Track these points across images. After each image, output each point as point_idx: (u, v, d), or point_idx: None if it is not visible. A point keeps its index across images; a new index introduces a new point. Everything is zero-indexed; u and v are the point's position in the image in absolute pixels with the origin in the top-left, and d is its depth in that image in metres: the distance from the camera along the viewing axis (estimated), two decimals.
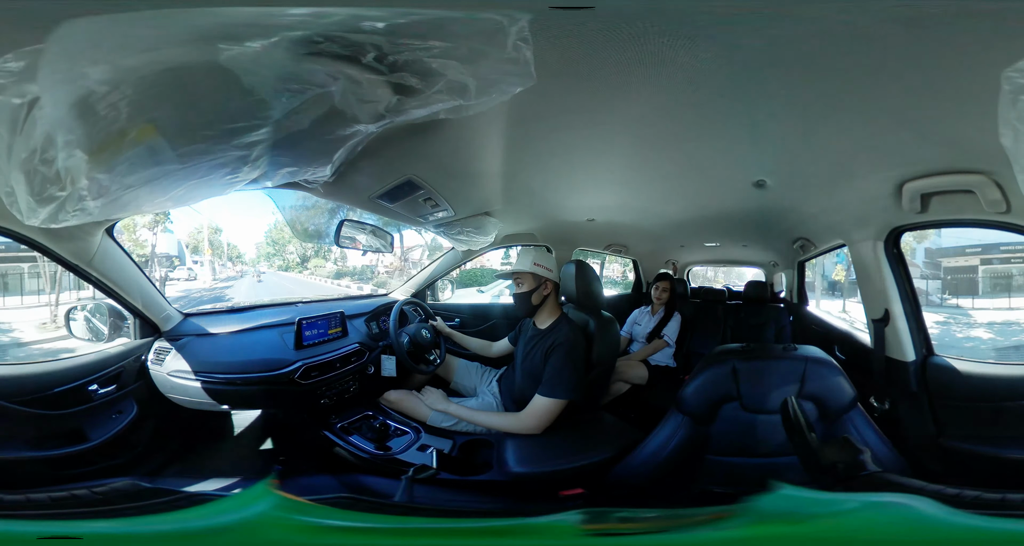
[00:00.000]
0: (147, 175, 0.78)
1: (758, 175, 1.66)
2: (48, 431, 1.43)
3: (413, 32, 0.73)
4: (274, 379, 1.70)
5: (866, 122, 1.11)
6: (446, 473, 1.58)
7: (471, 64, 0.78)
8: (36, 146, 0.71)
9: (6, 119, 0.71)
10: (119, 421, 1.58)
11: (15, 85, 0.69)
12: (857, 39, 0.79)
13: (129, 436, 1.60)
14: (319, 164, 1.08)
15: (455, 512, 1.09)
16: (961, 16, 0.70)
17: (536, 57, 0.77)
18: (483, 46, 0.74)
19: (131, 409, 1.63)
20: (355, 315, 2.22)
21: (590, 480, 1.51)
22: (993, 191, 1.22)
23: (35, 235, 1.31)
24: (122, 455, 1.58)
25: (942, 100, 0.93)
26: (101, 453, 1.50)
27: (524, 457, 1.58)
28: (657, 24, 0.78)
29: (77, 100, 0.67)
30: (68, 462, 1.43)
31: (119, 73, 0.67)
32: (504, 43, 0.73)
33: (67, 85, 0.66)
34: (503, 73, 0.79)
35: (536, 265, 1.84)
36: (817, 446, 0.98)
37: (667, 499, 1.40)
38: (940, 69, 0.84)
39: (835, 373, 1.36)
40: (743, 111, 1.12)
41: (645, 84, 1.00)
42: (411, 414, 1.90)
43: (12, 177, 0.74)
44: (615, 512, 0.85)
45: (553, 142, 1.40)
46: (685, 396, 1.43)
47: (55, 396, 1.45)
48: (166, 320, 1.80)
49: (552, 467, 1.55)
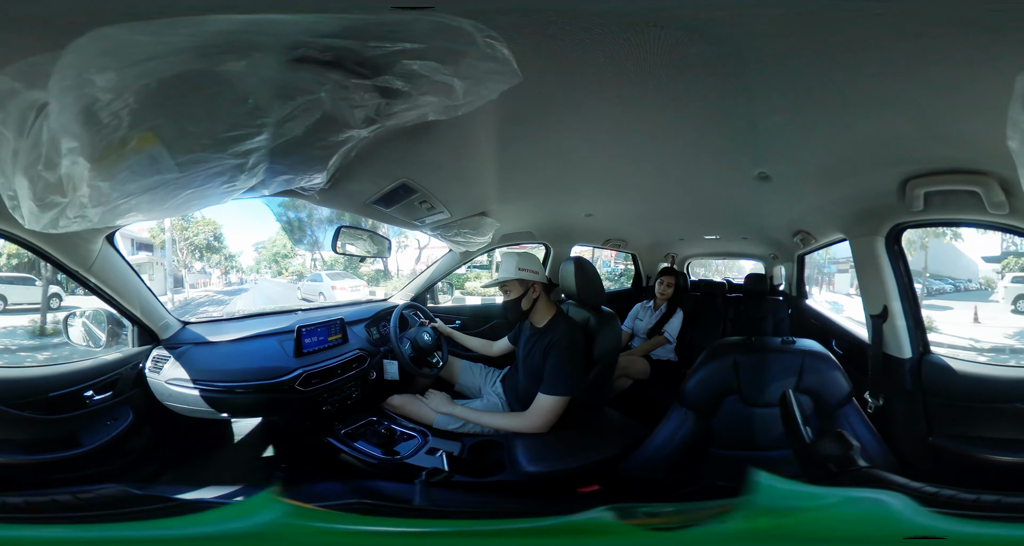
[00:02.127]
0: (147, 183, 0.80)
1: (760, 168, 1.64)
2: (40, 435, 1.42)
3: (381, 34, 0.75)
4: (274, 387, 1.69)
5: (873, 117, 1.10)
6: (459, 475, 1.58)
7: (451, 64, 0.79)
8: (41, 152, 0.73)
9: (14, 123, 0.73)
10: (113, 428, 1.57)
11: (27, 91, 0.71)
12: (867, 35, 0.78)
13: (123, 443, 1.59)
14: (314, 171, 1.09)
15: (477, 513, 1.09)
16: (976, 18, 0.68)
17: (526, 53, 0.78)
18: (455, 45, 0.75)
19: (127, 416, 1.62)
20: (355, 321, 2.21)
21: (603, 476, 1.52)
22: (997, 193, 1.22)
23: (36, 240, 1.32)
24: (115, 462, 1.57)
25: (953, 99, 0.93)
26: (93, 459, 1.49)
27: (536, 456, 1.58)
28: (655, 16, 0.78)
29: (83, 108, 0.69)
30: (59, 467, 1.42)
31: (123, 81, 0.69)
32: (473, 41, 0.74)
33: (74, 93, 0.68)
34: (486, 71, 0.80)
35: (520, 270, 1.82)
36: (812, 440, 1.00)
37: (677, 493, 1.40)
38: (953, 69, 0.83)
39: (832, 367, 1.37)
40: (746, 104, 1.11)
41: (642, 77, 0.98)
42: (416, 418, 1.90)
43: (16, 181, 0.76)
44: (640, 507, 0.87)
45: (547, 138, 1.39)
46: (687, 390, 1.44)
47: (50, 400, 1.44)
48: (165, 328, 1.79)
49: (565, 465, 1.56)
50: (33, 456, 1.38)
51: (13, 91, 0.72)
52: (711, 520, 0.80)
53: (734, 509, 0.81)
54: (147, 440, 1.71)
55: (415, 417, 1.90)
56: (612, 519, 0.80)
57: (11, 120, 0.73)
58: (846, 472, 0.89)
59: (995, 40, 0.71)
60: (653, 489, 1.44)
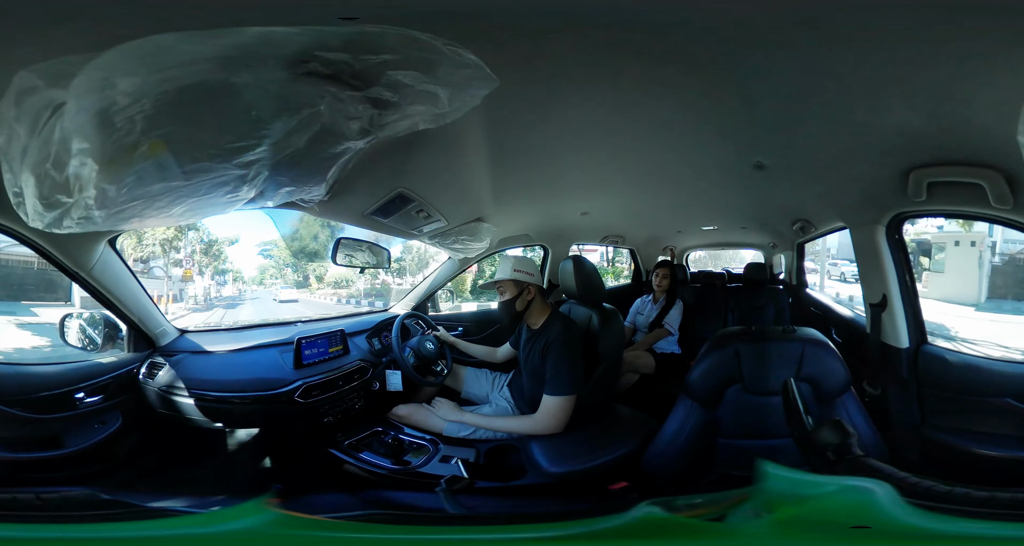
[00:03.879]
0: (153, 190, 0.81)
1: (757, 157, 1.64)
2: (24, 433, 1.41)
3: (366, 47, 0.77)
4: (273, 398, 1.68)
5: (876, 105, 1.09)
6: (480, 481, 1.57)
7: (430, 73, 0.81)
8: (51, 151, 0.73)
9: (28, 120, 0.74)
10: (100, 432, 1.55)
11: (46, 89, 0.72)
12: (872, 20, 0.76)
13: (109, 447, 1.57)
14: (314, 183, 1.11)
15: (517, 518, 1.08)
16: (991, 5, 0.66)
17: (511, 53, 0.81)
18: (427, 55, 0.78)
19: (115, 421, 1.60)
20: (356, 332, 2.19)
21: (627, 472, 1.52)
22: (1002, 186, 1.22)
23: (38, 238, 1.31)
24: (97, 465, 1.55)
25: (963, 90, 0.92)
26: (74, 461, 1.47)
27: (555, 457, 1.58)
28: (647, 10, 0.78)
29: (100, 110, 0.70)
30: (37, 466, 1.41)
31: (145, 87, 0.70)
32: (438, 50, 0.77)
33: (95, 95, 0.69)
34: (463, 78, 0.82)
35: (516, 271, 1.82)
36: (811, 428, 1.01)
37: (698, 484, 1.42)
38: (965, 60, 0.82)
39: (831, 356, 1.37)
40: (741, 93, 1.11)
41: (634, 70, 0.98)
42: (424, 427, 1.88)
43: (23, 178, 0.76)
44: (677, 500, 0.87)
45: (538, 139, 1.39)
46: (692, 381, 1.45)
47: (39, 399, 1.43)
48: (162, 335, 1.78)
49: (587, 464, 1.56)
50: (12, 454, 1.37)
51: (33, 88, 0.72)
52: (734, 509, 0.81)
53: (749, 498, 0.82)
54: (132, 446, 1.68)
55: (423, 426, 1.88)
56: (661, 514, 0.80)
57: (25, 117, 0.74)
58: (843, 461, 0.91)
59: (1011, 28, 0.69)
60: (677, 481, 1.45)
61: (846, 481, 0.84)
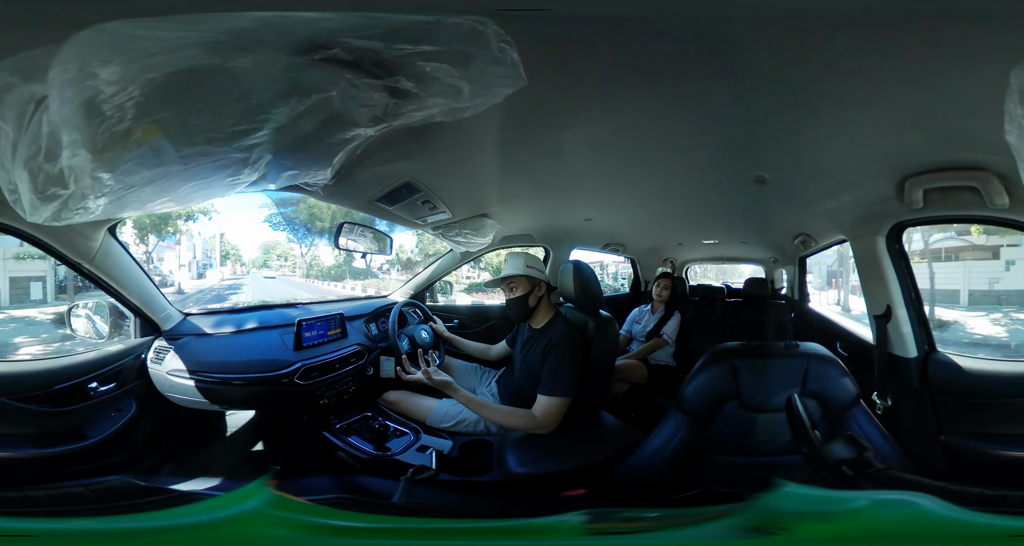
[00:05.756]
0: (150, 175, 0.80)
1: (757, 171, 1.65)
2: (48, 429, 1.43)
3: (405, 37, 0.75)
4: (273, 380, 1.70)
5: (868, 117, 1.11)
6: (445, 474, 1.57)
7: (462, 67, 0.80)
8: (40, 145, 0.73)
9: (12, 117, 0.73)
10: (118, 419, 1.58)
11: (24, 84, 0.71)
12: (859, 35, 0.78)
13: (127, 434, 1.60)
14: (319, 167, 1.10)
15: (455, 512, 1.09)
16: (968, 14, 0.69)
17: (529, 58, 0.78)
18: (468, 49, 0.76)
19: (130, 407, 1.63)
20: (355, 317, 2.22)
21: (592, 480, 1.50)
22: (997, 187, 1.22)
23: (37, 232, 1.32)
24: (119, 453, 1.58)
25: (948, 96, 0.93)
26: (99, 451, 1.50)
27: (525, 458, 1.57)
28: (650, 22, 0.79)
29: (84, 100, 0.69)
30: (67, 460, 1.43)
31: (128, 74, 0.69)
32: (488, 45, 0.75)
33: (75, 85, 0.68)
34: (494, 75, 0.81)
35: (529, 267, 1.82)
36: (821, 444, 0.98)
37: (670, 499, 1.39)
38: (945, 65, 0.84)
39: (838, 370, 1.35)
40: (743, 108, 1.12)
41: (640, 82, 1.00)
42: (410, 415, 1.90)
43: (16, 174, 0.76)
44: (618, 512, 0.86)
45: (549, 142, 1.41)
46: (685, 395, 1.42)
47: (55, 393, 1.45)
48: (166, 319, 1.81)
49: (552, 468, 1.54)
50: (43, 450, 1.39)
51: (10, 85, 0.72)
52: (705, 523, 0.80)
53: (732, 514, 0.80)
54: (149, 431, 1.71)
55: (409, 414, 1.90)
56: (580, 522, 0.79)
57: (9, 114, 0.73)
58: (863, 475, 0.88)
59: (989, 33, 0.72)
60: (641, 494, 1.42)
61: (878, 495, 0.82)
